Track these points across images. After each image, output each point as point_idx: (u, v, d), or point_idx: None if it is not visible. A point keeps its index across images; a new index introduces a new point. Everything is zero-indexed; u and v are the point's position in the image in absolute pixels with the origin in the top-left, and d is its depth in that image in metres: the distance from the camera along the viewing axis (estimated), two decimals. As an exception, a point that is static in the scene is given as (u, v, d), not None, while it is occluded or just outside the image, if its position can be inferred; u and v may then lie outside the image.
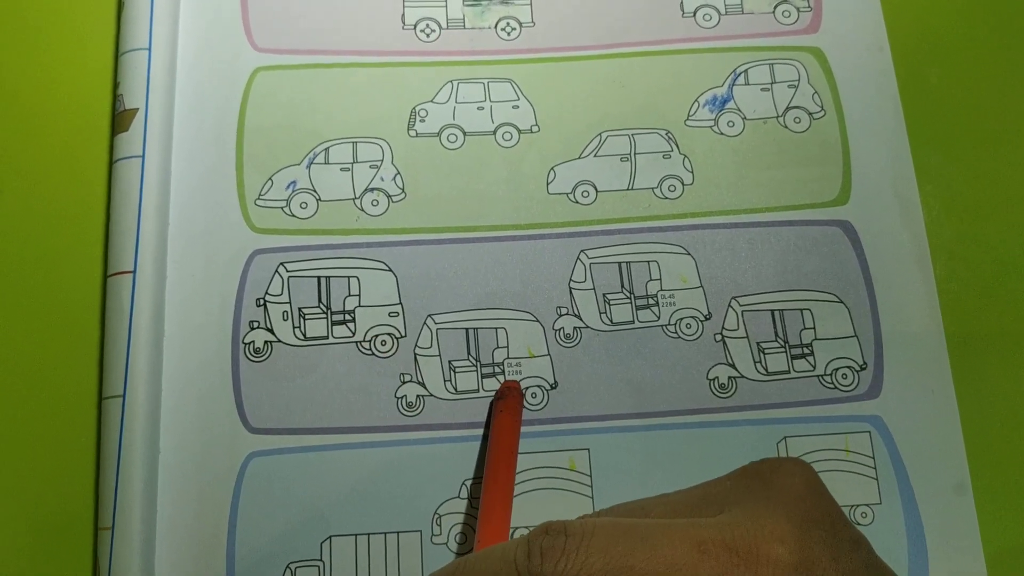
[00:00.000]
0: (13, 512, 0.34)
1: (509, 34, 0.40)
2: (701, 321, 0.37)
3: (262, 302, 0.36)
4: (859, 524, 0.34)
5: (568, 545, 0.24)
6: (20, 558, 0.33)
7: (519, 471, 0.34)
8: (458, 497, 0.34)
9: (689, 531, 0.24)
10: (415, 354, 0.36)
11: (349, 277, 0.36)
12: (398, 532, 0.34)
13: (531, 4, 0.40)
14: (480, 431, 0.35)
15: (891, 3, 0.41)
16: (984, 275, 0.37)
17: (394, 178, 0.38)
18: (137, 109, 0.36)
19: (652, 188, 0.38)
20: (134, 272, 0.35)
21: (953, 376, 0.36)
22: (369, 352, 0.36)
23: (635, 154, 0.38)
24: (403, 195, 0.38)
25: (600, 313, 0.36)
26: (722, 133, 0.39)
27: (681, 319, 0.37)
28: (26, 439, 0.34)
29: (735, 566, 0.23)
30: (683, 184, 0.38)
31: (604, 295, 0.37)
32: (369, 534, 0.34)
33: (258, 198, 0.37)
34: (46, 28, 0.39)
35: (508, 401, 0.34)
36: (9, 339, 0.35)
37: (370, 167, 0.38)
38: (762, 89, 0.39)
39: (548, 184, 0.38)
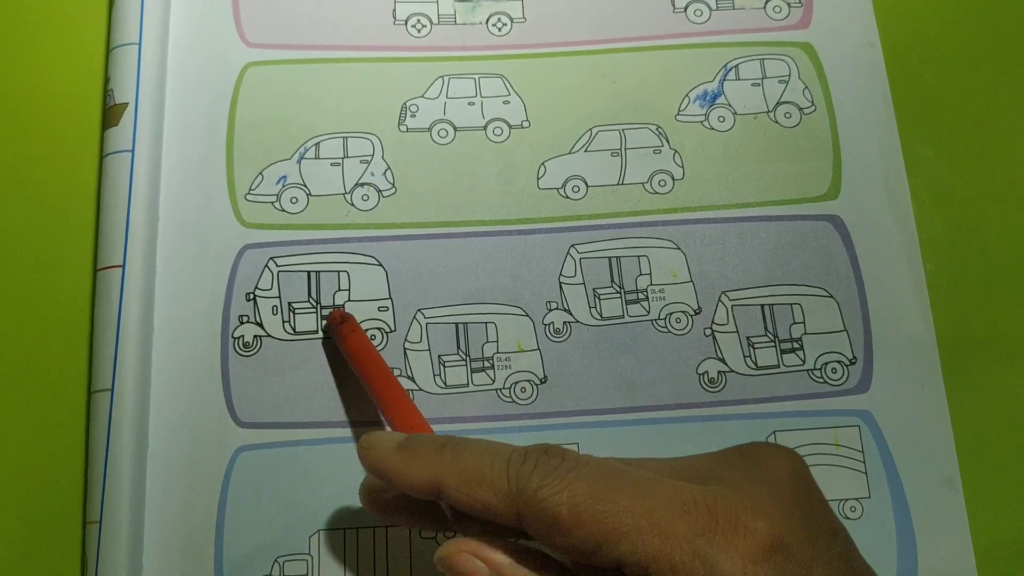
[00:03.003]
0: (1, 505, 0.34)
1: (500, 30, 0.40)
2: (691, 316, 0.37)
3: (252, 296, 0.36)
4: (848, 518, 0.34)
5: (562, 467, 0.25)
6: (8, 551, 0.33)
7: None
8: (447, 491, 0.34)
9: (675, 489, 0.24)
10: (405, 348, 0.36)
11: (339, 272, 0.36)
12: (387, 527, 0.34)
13: (522, 0, 0.40)
14: (473, 425, 0.35)
15: (882, -1, 0.41)
16: (974, 270, 0.37)
17: (384, 173, 0.38)
18: (127, 104, 0.36)
19: (642, 183, 0.38)
20: (123, 266, 0.35)
21: (942, 370, 0.36)
22: (359, 346, 0.36)
23: (625, 149, 0.38)
24: (393, 190, 0.38)
25: (590, 308, 0.36)
26: (713, 128, 0.39)
27: (671, 314, 0.37)
28: (15, 432, 0.34)
29: (711, 529, 0.23)
30: (673, 179, 0.38)
31: (594, 290, 0.37)
32: (358, 528, 0.34)
33: (248, 193, 0.37)
34: (38, 23, 0.39)
35: (351, 323, 0.34)
36: (-2, 333, 0.35)
37: (360, 162, 0.38)
38: (753, 84, 0.39)
39: (539, 179, 0.38)
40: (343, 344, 0.34)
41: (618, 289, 0.37)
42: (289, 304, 0.36)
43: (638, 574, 0.23)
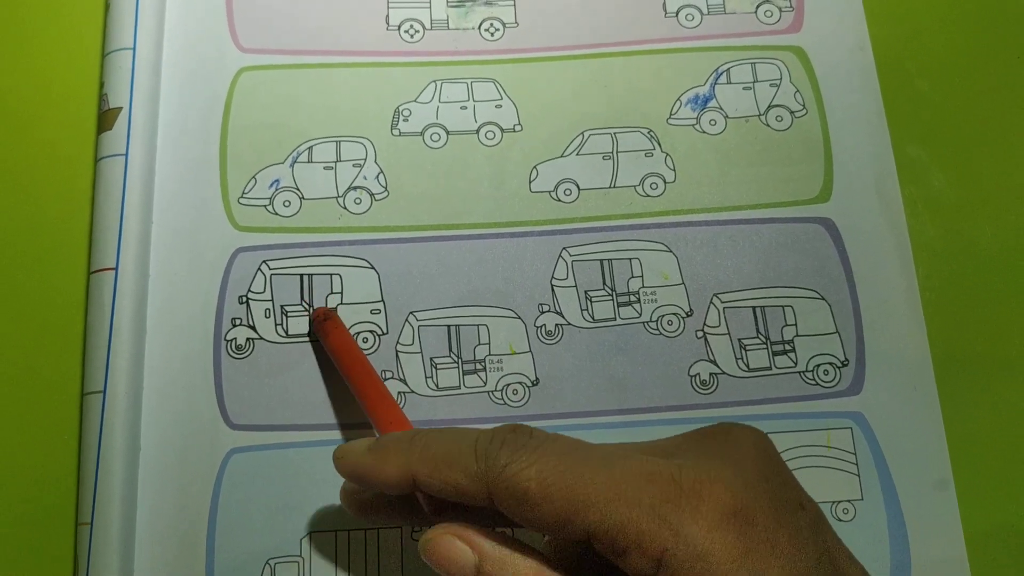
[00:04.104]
0: (-7, 507, 0.34)
1: (493, 35, 0.40)
2: (683, 318, 0.37)
3: (244, 299, 0.36)
4: (840, 520, 0.34)
5: (530, 443, 0.25)
6: (0, 551, 0.33)
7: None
8: (439, 493, 0.34)
9: (641, 462, 0.25)
10: (397, 351, 0.36)
11: (332, 275, 0.37)
12: (378, 529, 0.34)
13: (514, 5, 0.41)
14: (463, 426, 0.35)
15: (872, 3, 0.41)
16: (966, 272, 0.37)
17: (377, 177, 0.38)
18: (121, 108, 0.37)
19: (634, 186, 0.38)
20: (116, 269, 0.35)
21: (935, 372, 0.36)
22: (351, 349, 0.36)
23: (617, 152, 0.39)
24: (386, 193, 0.38)
25: (582, 310, 0.37)
26: (704, 131, 0.39)
27: (663, 316, 0.37)
28: (7, 433, 0.35)
29: (677, 497, 0.24)
30: (665, 182, 0.38)
31: (586, 292, 0.37)
32: (349, 530, 0.34)
33: (241, 196, 0.37)
34: (34, 28, 0.39)
35: (334, 320, 0.34)
36: (-8, 336, 0.36)
37: (353, 166, 0.38)
38: (744, 88, 0.40)
39: (531, 182, 0.38)
40: (326, 341, 0.34)
41: (610, 291, 0.37)
42: (282, 307, 0.36)
43: (607, 543, 0.24)
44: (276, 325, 0.36)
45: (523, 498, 0.25)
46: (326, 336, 0.34)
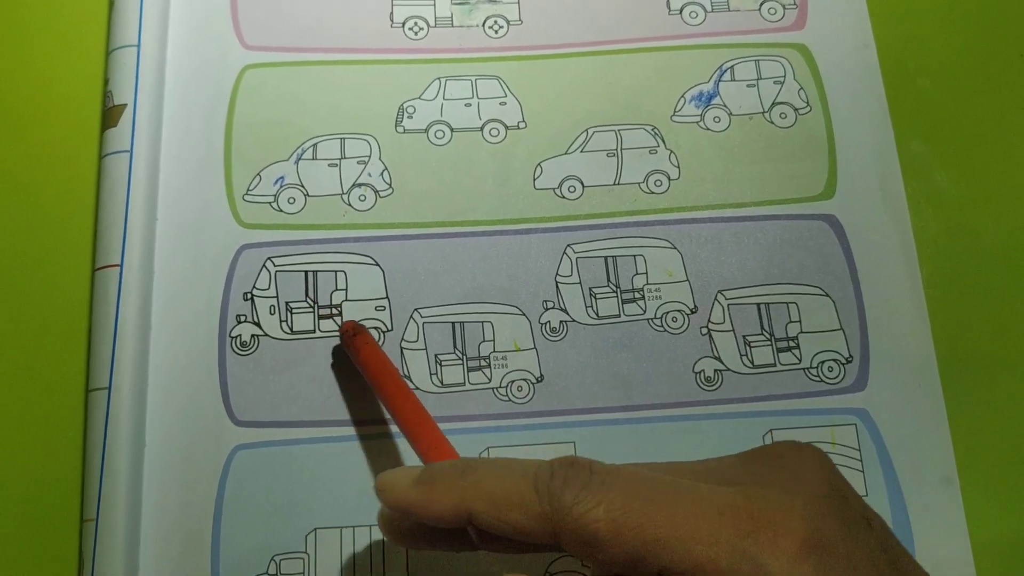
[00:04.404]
0: (-2, 504, 0.34)
1: (497, 32, 0.40)
2: (687, 315, 0.37)
3: (249, 296, 0.36)
4: (845, 516, 0.34)
5: (593, 481, 0.24)
6: (5, 548, 0.33)
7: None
8: (444, 490, 0.34)
9: (710, 494, 0.24)
10: (401, 348, 0.36)
11: (336, 271, 0.37)
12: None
13: (518, 2, 0.41)
14: (470, 423, 0.35)
15: (876, 1, 0.41)
16: (970, 268, 0.37)
17: (381, 174, 0.38)
18: (125, 105, 0.37)
19: (638, 183, 0.38)
20: (121, 266, 0.35)
21: (939, 368, 0.36)
22: (355, 346, 0.36)
23: (621, 149, 0.39)
24: (390, 190, 0.38)
25: (586, 307, 0.37)
26: (708, 128, 0.39)
27: (667, 313, 0.37)
28: (12, 429, 0.35)
29: (754, 532, 0.23)
30: (669, 179, 0.38)
31: (590, 289, 0.37)
32: (354, 527, 0.34)
33: (246, 193, 0.37)
34: (38, 25, 0.39)
35: (364, 336, 0.34)
36: (-3, 332, 0.36)
37: (358, 163, 0.38)
38: (748, 85, 0.40)
39: (535, 179, 0.38)
40: (356, 357, 0.34)
41: (614, 288, 0.37)
42: (287, 304, 0.36)
43: None
44: (281, 322, 0.36)
45: (592, 539, 0.24)
46: (357, 352, 0.33)
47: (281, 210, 0.37)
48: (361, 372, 0.34)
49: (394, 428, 0.35)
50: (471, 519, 0.26)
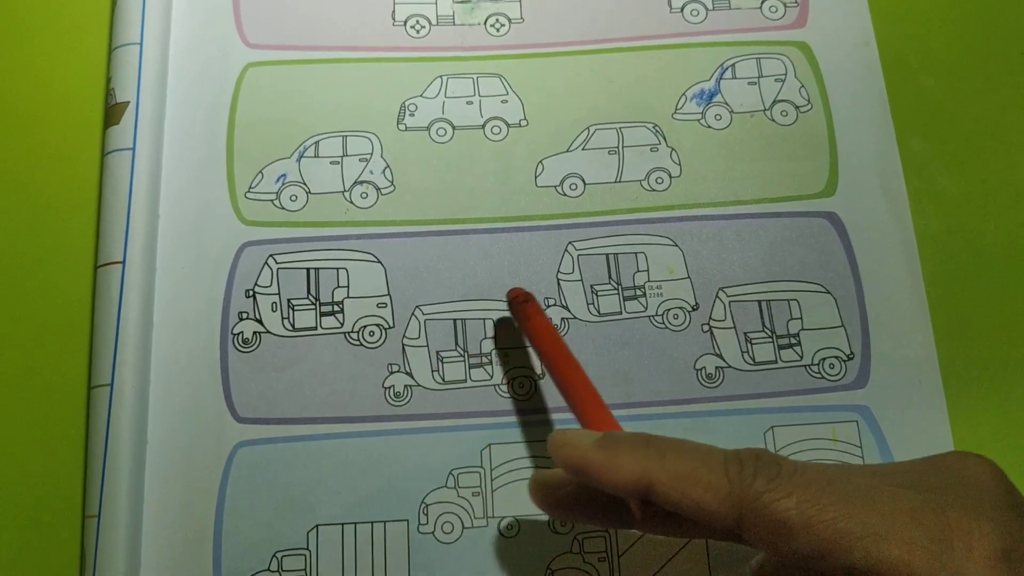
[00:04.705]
0: (1, 499, 0.34)
1: (498, 30, 0.40)
2: (688, 312, 0.37)
3: (251, 293, 0.36)
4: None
5: (783, 472, 0.24)
6: (8, 545, 0.33)
7: (508, 460, 0.34)
8: (445, 487, 0.34)
9: (901, 496, 0.24)
10: (403, 344, 0.36)
11: (338, 269, 0.37)
12: (385, 521, 0.34)
13: (520, 1, 0.41)
14: (471, 420, 0.35)
15: (877, -1, 0.41)
16: (970, 265, 0.37)
17: (383, 171, 0.38)
18: (128, 102, 0.37)
19: (640, 180, 0.38)
20: (123, 263, 0.35)
21: (940, 365, 0.36)
22: (357, 343, 0.36)
23: (623, 147, 0.39)
24: (392, 188, 0.38)
25: (588, 304, 0.37)
26: (709, 126, 0.39)
27: (668, 310, 0.37)
28: (15, 427, 0.35)
29: (948, 537, 0.23)
30: (671, 176, 0.38)
31: (592, 286, 0.37)
32: (356, 523, 0.34)
33: (248, 191, 0.37)
34: (41, 23, 0.40)
35: (534, 304, 0.34)
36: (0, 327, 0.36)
37: (359, 160, 0.38)
38: (749, 83, 0.40)
39: (536, 177, 0.38)
40: (526, 325, 0.33)
41: (616, 286, 0.37)
42: (288, 301, 0.36)
43: None
44: (283, 319, 0.36)
45: (781, 528, 0.23)
46: (527, 319, 0.33)
47: (283, 207, 0.37)
48: (528, 339, 0.33)
49: (395, 426, 0.35)
50: (650, 491, 0.25)
